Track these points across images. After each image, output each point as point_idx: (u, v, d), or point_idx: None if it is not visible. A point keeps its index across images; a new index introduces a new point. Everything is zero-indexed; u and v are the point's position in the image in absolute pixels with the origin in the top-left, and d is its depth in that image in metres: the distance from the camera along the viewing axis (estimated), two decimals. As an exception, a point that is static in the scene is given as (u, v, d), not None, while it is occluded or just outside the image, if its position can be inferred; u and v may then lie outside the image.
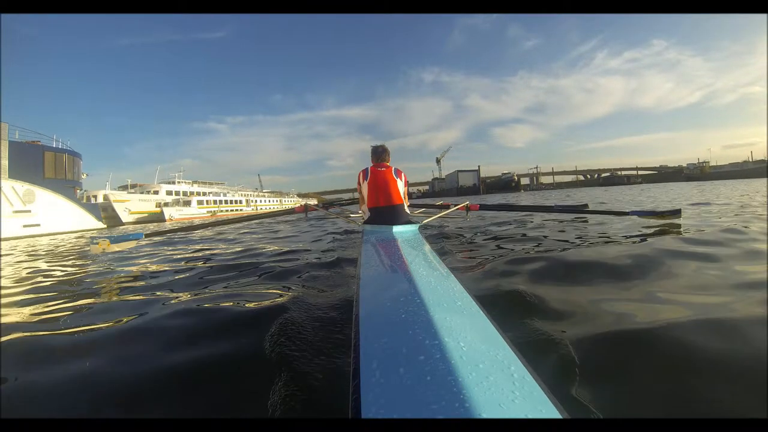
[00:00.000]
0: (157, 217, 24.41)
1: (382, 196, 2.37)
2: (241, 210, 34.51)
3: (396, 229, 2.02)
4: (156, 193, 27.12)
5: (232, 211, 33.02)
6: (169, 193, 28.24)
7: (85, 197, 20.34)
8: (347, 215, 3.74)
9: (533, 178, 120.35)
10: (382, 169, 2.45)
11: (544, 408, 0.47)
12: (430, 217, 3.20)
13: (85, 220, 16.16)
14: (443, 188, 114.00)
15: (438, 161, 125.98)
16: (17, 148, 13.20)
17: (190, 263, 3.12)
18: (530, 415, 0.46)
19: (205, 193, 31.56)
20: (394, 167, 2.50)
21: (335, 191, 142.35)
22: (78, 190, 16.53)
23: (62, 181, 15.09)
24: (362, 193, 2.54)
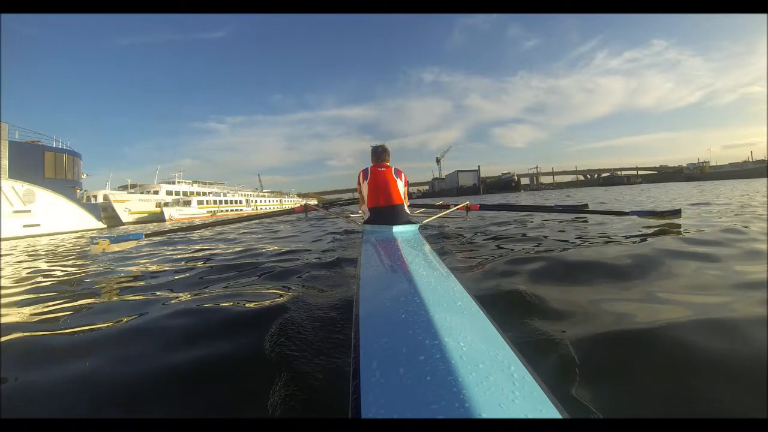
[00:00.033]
0: (157, 217, 24.41)
1: (382, 196, 2.36)
2: (241, 210, 34.51)
3: (396, 229, 2.02)
4: (156, 193, 27.12)
5: (232, 211, 33.02)
6: (169, 193, 28.23)
7: (85, 197, 20.34)
8: (347, 215, 3.74)
9: (533, 178, 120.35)
10: (382, 169, 2.44)
11: (544, 408, 0.47)
12: (430, 217, 3.20)
13: (85, 220, 16.16)
14: (443, 188, 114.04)
15: (438, 161, 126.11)
16: (17, 148, 13.19)
17: (190, 263, 3.12)
18: (530, 415, 0.46)
19: (205, 193, 31.56)
20: (394, 167, 2.50)
21: (335, 191, 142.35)
22: (78, 190, 16.52)
23: (62, 181, 15.08)
24: (362, 193, 2.54)
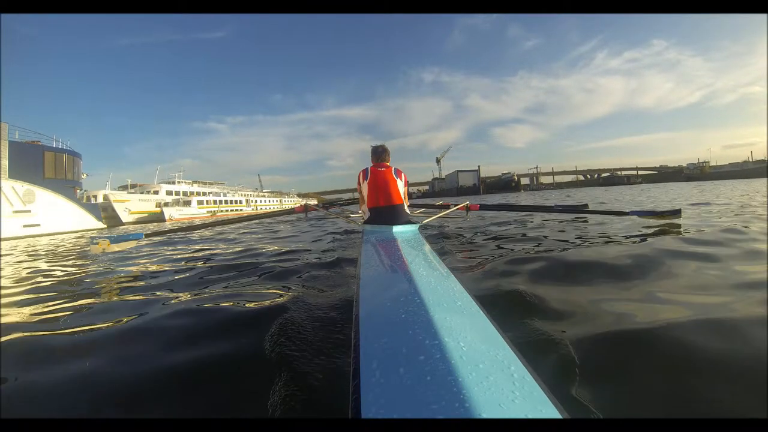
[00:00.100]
0: (157, 217, 24.41)
1: (382, 196, 2.37)
2: (241, 210, 34.51)
3: (396, 229, 2.02)
4: (156, 193, 27.12)
5: (232, 211, 33.02)
6: (169, 193, 28.24)
7: (85, 197, 20.34)
8: (347, 215, 3.74)
9: (533, 178, 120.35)
10: (382, 169, 2.44)
11: (544, 408, 0.47)
12: (430, 217, 3.20)
13: (85, 220, 16.16)
14: (443, 188, 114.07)
15: (438, 161, 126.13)
16: (17, 148, 13.20)
17: (190, 263, 3.12)
18: (530, 415, 0.46)
19: (205, 193, 31.56)
20: (394, 167, 2.50)
21: (335, 191, 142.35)
22: (78, 190, 16.53)
23: (62, 181, 15.08)
24: (362, 193, 2.54)
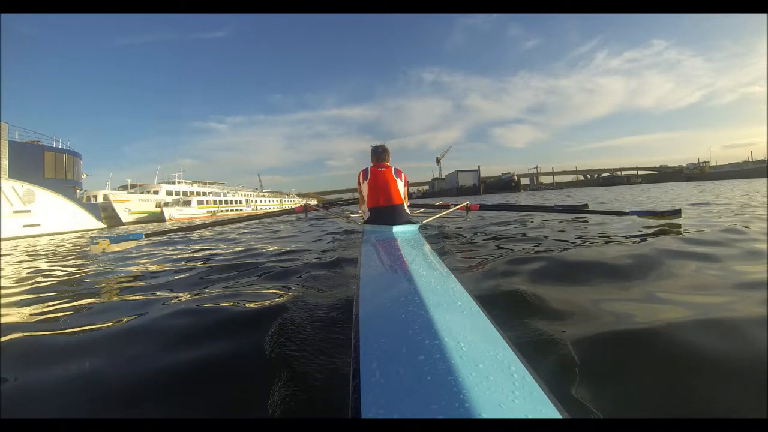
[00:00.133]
0: (157, 217, 24.42)
1: (382, 196, 2.37)
2: (241, 210, 34.51)
3: (396, 229, 2.02)
4: (156, 193, 27.12)
5: (232, 211, 33.02)
6: (169, 193, 28.23)
7: (85, 197, 20.34)
8: (347, 215, 3.74)
9: (533, 178, 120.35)
10: (382, 169, 2.45)
11: (544, 408, 0.47)
12: (430, 217, 3.20)
13: (85, 220, 16.16)
14: (443, 188, 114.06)
15: (438, 161, 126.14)
16: (17, 148, 13.20)
17: (190, 263, 3.12)
18: (530, 415, 0.45)
19: (205, 193, 31.56)
20: (394, 167, 2.50)
21: (335, 191, 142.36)
22: (78, 190, 16.53)
23: (62, 181, 15.08)
24: (362, 193, 2.54)
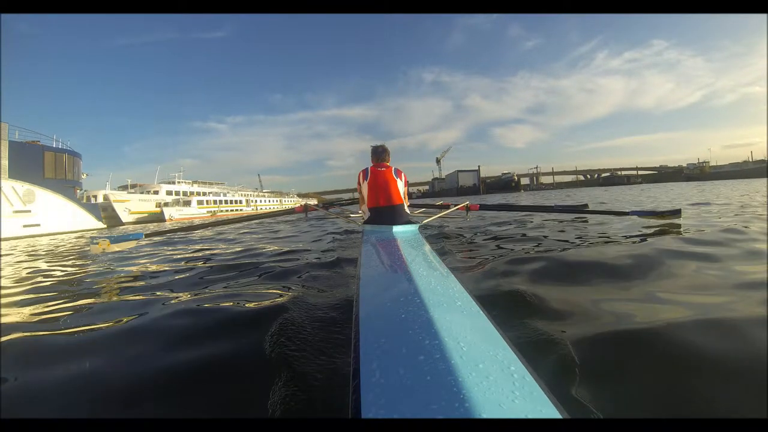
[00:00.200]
0: (157, 217, 24.41)
1: (383, 196, 2.37)
2: (241, 210, 34.50)
3: (396, 229, 2.02)
4: (156, 193, 27.11)
5: (232, 211, 33.02)
6: (169, 193, 28.23)
7: (85, 197, 20.34)
8: (347, 215, 3.74)
9: (533, 178, 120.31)
10: (382, 169, 2.45)
11: (544, 408, 0.47)
12: (430, 217, 3.20)
13: (85, 220, 16.16)
14: (443, 188, 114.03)
15: (438, 161, 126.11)
16: (17, 148, 13.20)
17: (190, 263, 3.12)
18: (530, 415, 0.45)
19: (205, 193, 31.55)
20: (394, 167, 2.50)
21: (335, 191, 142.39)
22: (78, 190, 16.53)
23: (62, 181, 15.08)
24: (362, 193, 2.54)
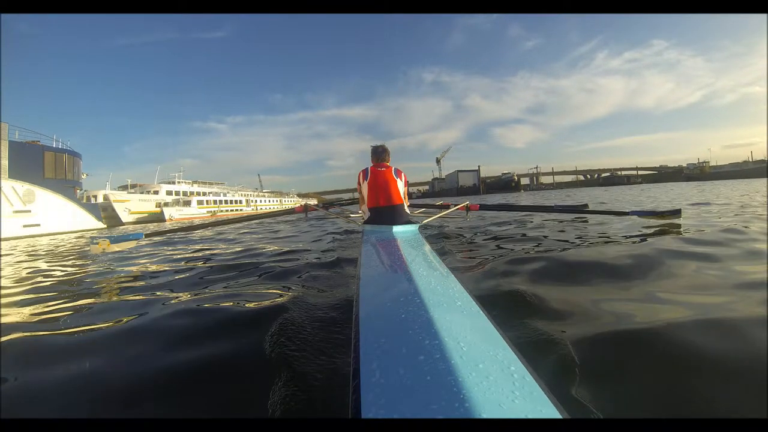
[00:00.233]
0: (157, 217, 24.41)
1: (383, 196, 2.37)
2: (241, 210, 34.49)
3: (396, 229, 2.02)
4: (156, 193, 27.11)
5: (232, 211, 33.02)
6: (169, 193, 28.23)
7: (85, 197, 20.33)
8: (347, 215, 3.74)
9: (533, 178, 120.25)
10: (382, 169, 2.45)
11: (544, 408, 0.47)
12: (430, 217, 3.20)
13: (85, 220, 16.16)
14: (443, 188, 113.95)
15: (438, 161, 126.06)
16: (17, 148, 13.20)
17: (190, 263, 3.12)
18: (530, 415, 0.45)
19: (205, 193, 31.55)
20: (394, 167, 2.50)
21: (335, 191, 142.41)
22: (78, 190, 16.53)
23: (62, 181, 15.08)
24: (362, 193, 2.54)
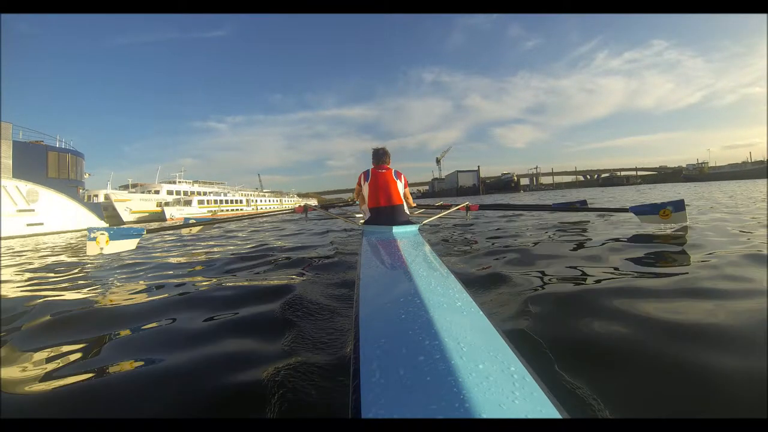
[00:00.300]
0: (158, 217, 24.45)
1: (383, 197, 2.38)
2: (242, 210, 34.51)
3: (396, 229, 2.02)
4: (157, 192, 27.16)
5: (233, 210, 33.04)
6: (170, 193, 28.28)
7: (86, 197, 20.36)
8: (347, 215, 3.74)
9: (533, 179, 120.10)
10: (383, 171, 2.48)
11: (544, 408, 0.47)
12: (430, 217, 3.20)
13: (87, 220, 16.20)
14: (443, 188, 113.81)
15: (438, 161, 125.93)
16: (21, 148, 13.28)
17: (188, 264, 3.12)
18: (530, 415, 0.45)
19: (206, 193, 31.58)
20: (394, 169, 2.52)
21: (335, 191, 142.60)
22: (80, 190, 16.58)
23: (65, 180, 15.14)
24: (363, 194, 2.55)
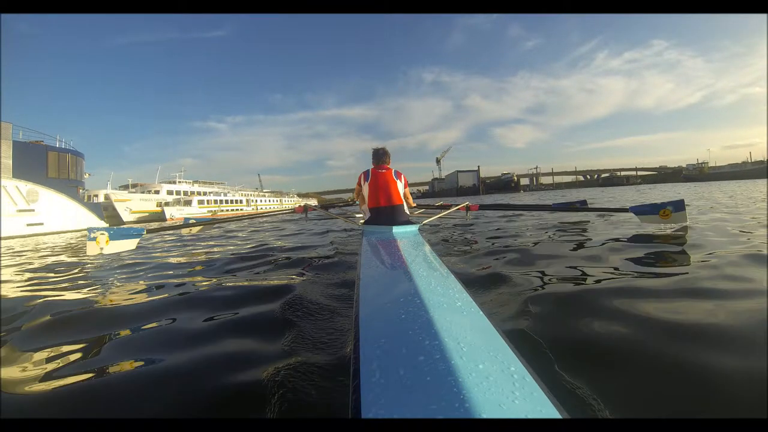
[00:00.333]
0: (158, 217, 24.45)
1: (383, 197, 2.38)
2: (242, 210, 34.51)
3: (396, 229, 2.02)
4: (157, 192, 27.17)
5: (233, 210, 33.04)
6: (170, 193, 28.28)
7: (86, 197, 20.36)
8: (347, 215, 3.74)
9: (533, 179, 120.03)
10: (383, 171, 2.48)
11: (544, 408, 0.47)
12: (430, 217, 3.20)
13: (87, 220, 16.20)
14: (443, 188, 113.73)
15: (438, 161, 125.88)
16: (21, 148, 13.29)
17: (188, 264, 3.12)
18: (530, 415, 0.45)
19: (206, 193, 31.58)
20: (394, 169, 2.52)
21: (335, 191, 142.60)
22: (80, 190, 16.58)
23: (65, 180, 15.14)
24: (363, 194, 2.55)
